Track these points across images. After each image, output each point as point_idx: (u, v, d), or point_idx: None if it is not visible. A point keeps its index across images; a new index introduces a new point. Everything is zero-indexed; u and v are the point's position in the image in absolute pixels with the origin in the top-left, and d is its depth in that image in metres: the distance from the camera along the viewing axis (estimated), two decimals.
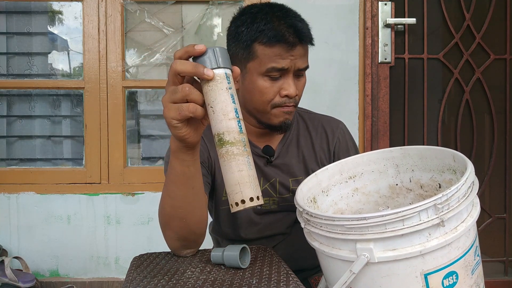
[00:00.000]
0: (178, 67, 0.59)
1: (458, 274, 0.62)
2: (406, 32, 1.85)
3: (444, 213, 0.58)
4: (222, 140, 0.59)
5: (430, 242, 0.59)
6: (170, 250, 0.85)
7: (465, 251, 0.63)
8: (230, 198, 0.59)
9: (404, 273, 0.61)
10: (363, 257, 0.60)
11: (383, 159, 0.85)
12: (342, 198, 0.87)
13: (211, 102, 0.59)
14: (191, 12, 1.97)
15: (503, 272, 1.95)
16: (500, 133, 1.94)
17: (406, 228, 0.58)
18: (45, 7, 2.00)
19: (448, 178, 0.76)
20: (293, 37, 0.86)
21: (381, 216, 0.58)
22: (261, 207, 1.01)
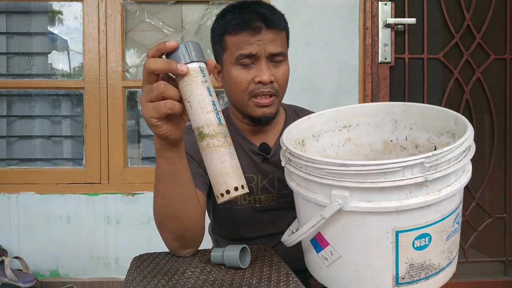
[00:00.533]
0: (151, 66, 0.59)
1: (432, 237, 0.60)
2: (406, 32, 1.85)
3: (430, 173, 0.56)
4: (202, 133, 0.60)
5: (409, 200, 0.56)
6: (170, 251, 0.85)
7: (445, 215, 0.60)
8: (215, 189, 0.59)
9: (375, 226, 0.59)
10: (336, 204, 0.58)
11: (382, 113, 0.82)
12: (333, 146, 0.85)
13: (188, 97, 0.60)
14: (191, 12, 1.97)
15: (503, 272, 1.95)
16: (500, 133, 1.94)
17: (386, 181, 0.55)
18: (45, 7, 2.00)
19: (445, 141, 0.73)
20: (258, 22, 0.88)
21: (362, 165, 0.55)
22: (260, 205, 1.01)
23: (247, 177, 0.99)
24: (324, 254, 0.67)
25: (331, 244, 0.64)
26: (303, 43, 1.85)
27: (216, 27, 0.95)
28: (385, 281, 0.62)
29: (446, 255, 0.64)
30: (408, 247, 0.60)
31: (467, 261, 1.93)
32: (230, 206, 1.01)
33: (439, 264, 0.63)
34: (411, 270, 0.61)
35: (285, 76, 0.93)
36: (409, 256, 0.60)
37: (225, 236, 1.07)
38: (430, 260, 0.62)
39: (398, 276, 0.61)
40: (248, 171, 1.00)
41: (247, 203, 1.01)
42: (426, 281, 0.63)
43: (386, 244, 0.59)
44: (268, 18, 0.89)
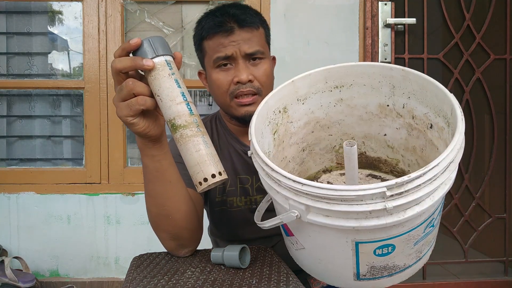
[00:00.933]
0: (117, 65, 0.60)
1: (396, 246, 0.57)
2: (406, 32, 1.85)
3: (392, 199, 0.50)
4: (175, 125, 0.60)
5: (368, 221, 0.52)
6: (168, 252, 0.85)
7: (412, 228, 0.56)
8: (194, 179, 0.59)
9: (334, 236, 0.57)
10: (292, 214, 0.56)
11: (379, 75, 0.74)
12: (322, 107, 0.79)
13: (157, 91, 0.60)
14: (191, 12, 1.97)
15: (503, 272, 1.95)
16: (500, 133, 1.94)
17: (343, 205, 0.52)
18: (45, 7, 2.00)
19: (441, 124, 0.67)
20: (231, 23, 0.89)
21: (318, 188, 0.52)
22: (256, 206, 1.00)
23: (242, 179, 1.00)
24: (291, 240, 0.68)
25: (296, 236, 0.65)
26: (303, 43, 1.85)
27: (195, 35, 0.97)
28: (346, 275, 0.62)
29: (414, 255, 0.62)
30: (369, 254, 0.58)
31: (467, 261, 1.93)
32: (226, 208, 1.01)
33: (404, 264, 0.62)
34: (372, 270, 0.61)
35: (266, 73, 0.93)
36: (370, 261, 0.59)
37: (223, 238, 1.07)
38: (394, 262, 0.60)
39: (359, 274, 0.61)
40: (242, 173, 1.00)
41: (243, 205, 1.01)
42: (389, 278, 0.63)
43: (346, 250, 0.58)
44: (239, 18, 0.89)
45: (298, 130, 0.80)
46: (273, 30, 1.06)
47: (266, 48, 0.96)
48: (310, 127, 0.81)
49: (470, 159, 1.92)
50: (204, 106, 2.10)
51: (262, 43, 0.93)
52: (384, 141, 0.81)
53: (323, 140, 0.83)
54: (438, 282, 1.89)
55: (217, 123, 1.05)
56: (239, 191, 1.00)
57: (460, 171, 1.93)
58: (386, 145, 0.81)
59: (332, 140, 0.84)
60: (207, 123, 1.06)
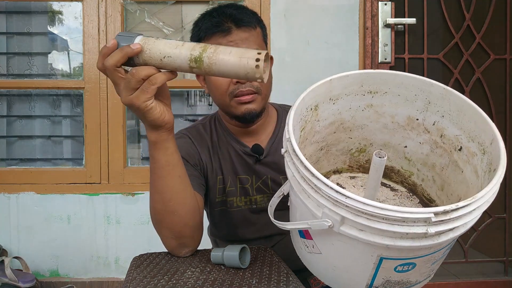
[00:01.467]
0: (110, 62, 0.62)
1: (416, 265, 0.58)
2: (406, 32, 1.85)
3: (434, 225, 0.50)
4: (197, 57, 0.61)
5: (403, 241, 0.52)
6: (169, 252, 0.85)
7: (436, 250, 0.57)
8: (250, 72, 0.60)
9: (361, 249, 0.56)
10: (325, 223, 0.55)
11: (417, 89, 0.73)
12: (351, 109, 0.78)
13: (160, 55, 0.62)
14: (191, 12, 1.97)
15: (503, 272, 1.95)
16: (500, 133, 1.93)
17: (383, 223, 0.51)
18: (45, 7, 2.00)
19: (473, 150, 0.66)
20: (228, 23, 0.89)
21: (362, 203, 0.51)
22: (256, 206, 1.01)
23: (242, 179, 1.00)
24: (307, 243, 0.66)
25: (314, 240, 0.63)
26: (303, 43, 1.85)
27: (192, 36, 0.97)
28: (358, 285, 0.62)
29: (427, 274, 0.63)
30: (389, 269, 0.58)
31: (467, 261, 1.93)
32: (226, 209, 1.01)
33: (416, 281, 0.63)
34: (386, 284, 0.61)
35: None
36: (388, 275, 0.59)
37: (223, 238, 1.07)
38: (408, 279, 0.61)
39: (372, 286, 0.61)
40: (242, 173, 1.00)
41: (243, 205, 1.01)
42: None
43: (368, 263, 0.58)
44: (236, 18, 0.90)
45: (322, 129, 0.79)
46: (273, 30, 1.06)
47: (264, 48, 0.96)
48: (334, 128, 0.81)
49: None
50: (204, 106, 2.10)
51: (259, 42, 0.93)
52: (403, 152, 0.81)
53: (342, 142, 0.83)
54: (438, 282, 1.89)
55: (216, 124, 1.05)
56: (239, 191, 1.00)
57: None
58: (404, 156, 0.81)
59: (350, 143, 0.84)
60: (206, 124, 1.06)
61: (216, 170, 1.00)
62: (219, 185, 1.01)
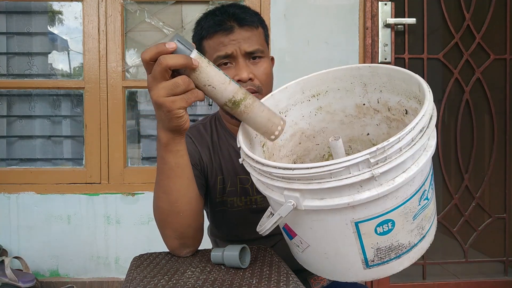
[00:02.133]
0: (170, 62, 0.61)
1: (395, 222, 0.59)
2: (406, 32, 1.85)
3: (378, 167, 0.53)
4: (236, 101, 0.65)
5: (360, 194, 0.54)
6: (170, 251, 0.85)
7: (406, 199, 0.58)
8: (270, 132, 0.69)
9: (333, 220, 0.59)
10: (289, 204, 0.58)
11: (350, 77, 0.78)
12: (304, 117, 0.82)
13: (207, 82, 0.64)
14: (191, 12, 1.97)
15: (503, 272, 1.95)
16: (500, 133, 1.94)
17: (333, 181, 0.54)
18: (45, 7, 2.00)
19: (414, 106, 0.70)
20: (231, 22, 0.89)
21: (307, 168, 0.54)
22: (256, 206, 1.01)
23: (242, 179, 1.00)
24: (296, 242, 0.68)
25: (298, 235, 0.66)
26: (303, 43, 1.85)
27: (194, 35, 0.97)
28: (355, 265, 0.63)
29: (416, 232, 0.63)
30: (370, 234, 0.59)
31: (467, 261, 1.93)
32: (227, 209, 1.01)
33: (409, 243, 0.63)
34: (379, 253, 0.61)
35: (266, 72, 0.93)
36: (374, 242, 0.60)
37: (223, 238, 1.07)
38: (398, 241, 0.61)
39: (367, 260, 0.62)
40: (242, 173, 1.00)
41: (243, 205, 1.01)
42: (398, 260, 0.63)
43: (348, 234, 0.59)
44: (239, 17, 0.90)
45: (286, 142, 0.82)
46: (273, 30, 1.06)
47: (266, 48, 0.96)
48: (297, 139, 0.83)
49: (470, 159, 1.92)
50: (204, 106, 2.10)
51: (261, 42, 0.94)
52: (369, 140, 0.83)
53: (312, 151, 0.85)
54: (438, 282, 1.89)
55: (216, 124, 1.05)
56: (239, 191, 1.00)
57: (460, 171, 1.94)
58: (371, 144, 0.82)
59: (320, 150, 0.86)
60: (206, 124, 1.06)
61: (216, 170, 1.00)
62: (219, 185, 1.00)
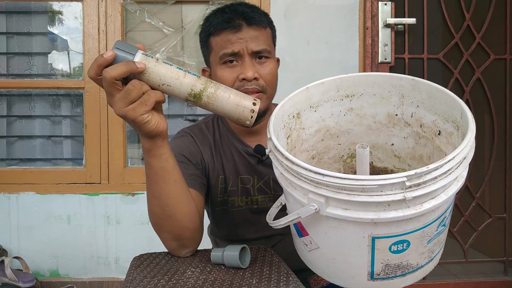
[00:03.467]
0: (113, 73, 0.60)
1: (410, 243, 0.59)
2: (406, 32, 1.85)
3: (411, 190, 0.52)
4: (196, 94, 0.63)
5: (386, 213, 0.54)
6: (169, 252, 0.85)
7: (426, 224, 0.58)
8: (243, 118, 0.65)
9: (352, 231, 0.58)
10: (311, 208, 0.57)
11: (389, 85, 0.76)
12: (333, 115, 0.81)
13: (159, 80, 0.63)
14: (191, 12, 1.97)
15: (503, 272, 1.95)
16: (500, 133, 1.94)
17: (363, 196, 0.53)
18: (45, 7, 2.00)
19: (450, 130, 0.69)
20: (238, 21, 0.89)
21: (339, 178, 0.54)
22: (257, 206, 1.01)
23: (243, 179, 1.00)
24: (305, 241, 0.68)
25: (310, 235, 0.65)
26: (303, 43, 1.85)
27: (201, 31, 0.97)
28: (360, 275, 0.63)
29: (426, 255, 0.63)
30: (384, 250, 0.59)
31: (467, 261, 1.93)
32: (228, 208, 1.01)
33: (417, 264, 0.63)
34: (387, 269, 0.61)
35: (271, 72, 0.93)
36: (385, 258, 0.60)
37: (223, 237, 1.07)
38: (408, 261, 0.61)
39: (374, 273, 0.62)
40: (244, 173, 1.00)
41: (244, 204, 1.01)
42: (402, 278, 0.63)
43: (362, 246, 0.59)
44: (248, 16, 0.90)
45: (309, 137, 0.81)
46: None
47: (272, 48, 0.96)
48: (321, 135, 0.82)
49: None
50: None
51: (269, 42, 0.94)
52: (391, 150, 0.82)
53: (332, 149, 0.84)
54: (438, 282, 1.89)
55: (219, 123, 1.05)
56: (241, 191, 1.00)
57: None
58: (393, 154, 0.82)
59: (340, 150, 0.85)
60: (209, 123, 1.05)
61: (218, 169, 1.00)
62: (221, 184, 1.00)
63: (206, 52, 0.97)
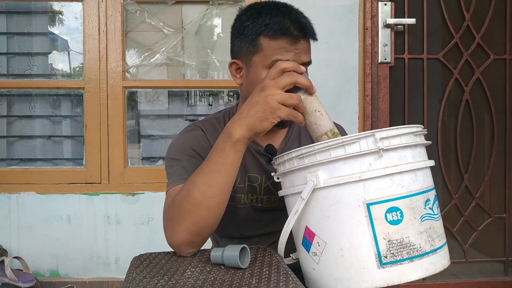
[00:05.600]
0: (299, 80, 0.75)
1: (403, 213, 0.66)
2: (406, 32, 1.85)
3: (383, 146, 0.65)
4: (335, 133, 0.77)
5: (370, 171, 0.66)
6: (173, 249, 0.85)
7: (411, 193, 0.67)
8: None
9: (347, 200, 0.67)
10: (311, 182, 0.68)
11: None
12: None
13: (318, 107, 0.77)
14: (191, 12, 1.97)
15: (503, 272, 1.95)
16: (500, 133, 1.94)
17: (347, 155, 0.66)
18: (45, 7, 2.00)
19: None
20: (297, 31, 0.89)
21: (326, 143, 0.67)
22: (262, 205, 1.01)
23: (251, 177, 1.01)
24: (313, 249, 0.72)
25: (316, 233, 0.71)
26: None
27: (250, 26, 0.91)
28: (369, 262, 0.66)
29: (426, 238, 0.68)
30: (381, 220, 0.65)
31: (467, 261, 1.93)
32: (234, 205, 1.02)
33: (420, 246, 0.67)
34: (391, 247, 0.65)
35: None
36: (385, 231, 0.66)
37: (224, 234, 1.07)
38: (408, 238, 0.66)
39: (380, 255, 0.65)
40: (253, 171, 1.01)
41: (249, 202, 1.02)
42: (410, 263, 0.66)
43: (361, 218, 0.66)
44: (307, 28, 0.91)
45: None
46: None
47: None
48: None
49: (470, 159, 1.92)
50: (204, 106, 2.10)
51: (310, 54, 0.96)
52: None
53: None
54: (438, 282, 1.89)
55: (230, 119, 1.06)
56: (247, 188, 1.01)
57: (460, 171, 1.94)
58: None
59: None
60: (220, 118, 1.06)
61: None
62: None
63: (249, 48, 0.92)
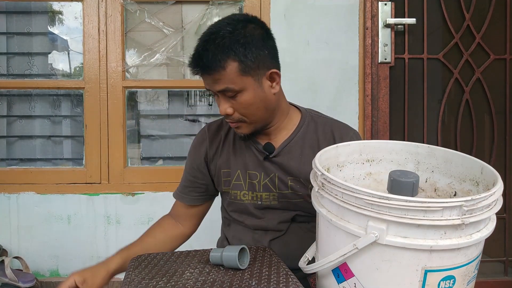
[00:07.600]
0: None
1: (456, 280, 0.62)
2: (406, 32, 1.85)
3: (467, 217, 0.58)
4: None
5: (443, 240, 0.58)
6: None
7: (470, 260, 0.62)
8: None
9: (406, 263, 0.59)
10: (372, 235, 0.58)
11: (406, 152, 0.83)
12: (354, 178, 0.85)
13: None
14: (191, 12, 1.97)
15: (503, 272, 1.95)
16: (500, 133, 1.94)
17: (425, 219, 0.56)
18: (45, 7, 2.00)
19: (467, 188, 0.74)
20: (196, 69, 0.91)
21: (404, 200, 0.57)
22: (261, 202, 1.03)
23: (251, 174, 1.03)
24: (346, 286, 0.66)
25: (356, 276, 0.64)
26: (303, 43, 1.84)
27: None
28: None
29: None
30: (433, 286, 0.61)
31: None
32: (231, 199, 1.08)
33: None
34: None
35: (246, 104, 0.92)
36: None
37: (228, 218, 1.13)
38: None
39: None
40: (252, 168, 1.03)
41: (249, 199, 1.04)
42: None
43: (414, 281, 0.60)
44: (203, 65, 0.89)
45: None
46: (273, 30, 1.06)
47: (241, 81, 0.90)
48: None
49: None
50: (204, 106, 2.10)
51: (232, 79, 0.89)
52: None
53: None
54: None
55: None
56: (247, 185, 1.04)
57: None
58: None
59: None
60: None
61: (222, 163, 1.06)
62: (224, 177, 1.06)
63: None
